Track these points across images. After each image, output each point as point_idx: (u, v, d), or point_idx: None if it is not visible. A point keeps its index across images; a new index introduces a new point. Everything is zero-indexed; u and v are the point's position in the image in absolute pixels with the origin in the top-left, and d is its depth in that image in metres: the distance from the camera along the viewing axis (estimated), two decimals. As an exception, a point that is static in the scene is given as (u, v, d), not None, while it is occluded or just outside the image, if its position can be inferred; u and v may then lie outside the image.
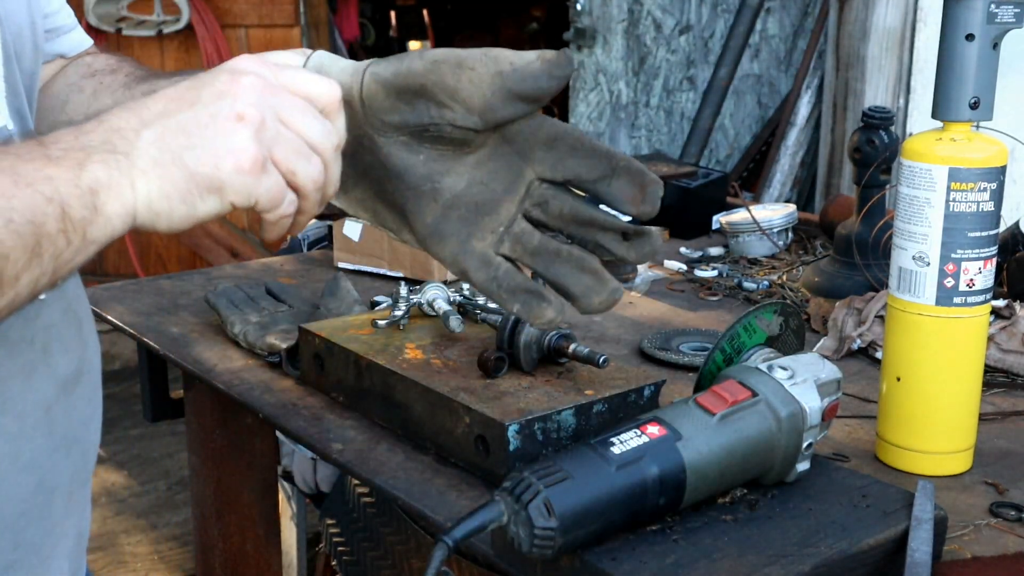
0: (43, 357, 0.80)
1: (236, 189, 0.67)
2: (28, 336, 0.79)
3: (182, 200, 0.67)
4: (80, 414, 0.86)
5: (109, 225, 0.65)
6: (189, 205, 0.67)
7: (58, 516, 0.84)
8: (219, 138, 0.67)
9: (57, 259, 0.64)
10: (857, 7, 3.34)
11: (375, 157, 0.77)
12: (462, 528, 0.81)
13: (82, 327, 0.87)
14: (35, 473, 0.80)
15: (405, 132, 0.76)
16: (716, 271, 1.85)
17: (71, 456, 0.84)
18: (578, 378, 1.14)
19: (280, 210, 0.69)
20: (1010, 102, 1.54)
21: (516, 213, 0.77)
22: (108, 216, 0.65)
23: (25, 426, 0.78)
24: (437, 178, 0.77)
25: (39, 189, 0.62)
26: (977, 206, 1.03)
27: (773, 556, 0.85)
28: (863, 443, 1.17)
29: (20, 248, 0.61)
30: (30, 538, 0.80)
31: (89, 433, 0.88)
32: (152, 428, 3.43)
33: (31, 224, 0.61)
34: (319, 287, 1.71)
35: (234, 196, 0.67)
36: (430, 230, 0.77)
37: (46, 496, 0.81)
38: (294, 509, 2.23)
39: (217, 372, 1.38)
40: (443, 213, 0.77)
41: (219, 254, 4.52)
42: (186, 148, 0.66)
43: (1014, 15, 1.03)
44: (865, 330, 1.43)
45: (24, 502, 0.79)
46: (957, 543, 0.96)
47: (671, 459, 0.87)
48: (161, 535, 3.11)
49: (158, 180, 0.66)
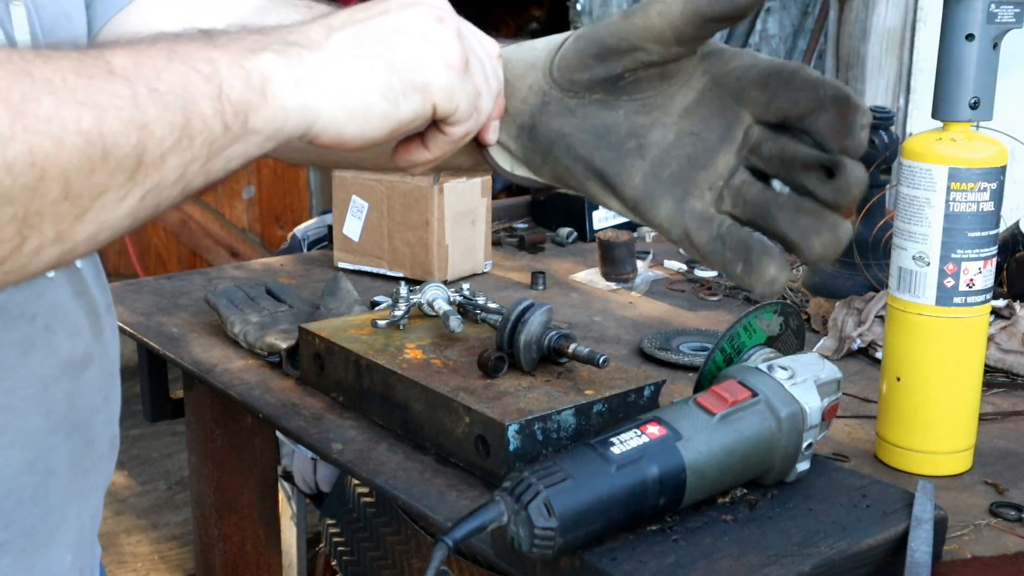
0: (44, 335, 0.78)
1: (442, 87, 0.64)
2: (29, 312, 0.78)
3: (383, 96, 0.62)
4: (87, 401, 0.84)
5: (282, 117, 0.59)
6: (391, 103, 0.62)
7: (55, 501, 0.82)
8: (422, 36, 0.64)
9: (211, 145, 0.57)
10: (857, 7, 3.34)
11: (569, 122, 0.72)
12: (462, 528, 0.81)
13: (99, 317, 0.86)
14: (27, 451, 0.78)
15: (599, 89, 0.71)
16: (716, 271, 1.85)
17: (71, 440, 0.82)
18: (578, 378, 1.14)
19: (468, 124, 0.67)
20: (1010, 102, 1.54)
21: (736, 164, 0.69)
22: (282, 106, 0.59)
23: (15, 400, 0.76)
24: (642, 133, 0.70)
25: (195, 67, 0.56)
26: (977, 206, 1.03)
27: (773, 556, 0.85)
28: (863, 443, 1.17)
29: (167, 124, 0.54)
30: (21, 519, 0.79)
31: (98, 423, 0.86)
32: (152, 428, 3.43)
33: (180, 99, 0.55)
34: (319, 287, 1.71)
35: (439, 95, 0.64)
36: (640, 192, 0.70)
37: (40, 478, 0.80)
38: (294, 509, 2.23)
39: (217, 372, 1.38)
40: (653, 172, 0.70)
41: (219, 254, 4.53)
42: (386, 47, 0.63)
43: (1014, 15, 1.03)
44: (865, 330, 1.43)
45: (14, 480, 0.77)
46: (957, 543, 0.96)
47: (671, 459, 0.87)
48: (161, 535, 3.11)
49: (354, 75, 0.61)
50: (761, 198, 0.68)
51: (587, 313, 1.64)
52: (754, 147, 0.69)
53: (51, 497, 0.82)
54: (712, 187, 0.69)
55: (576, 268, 1.89)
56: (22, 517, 0.79)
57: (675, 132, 0.70)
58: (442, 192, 1.73)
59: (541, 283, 1.78)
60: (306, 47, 0.61)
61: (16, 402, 0.77)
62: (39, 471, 0.80)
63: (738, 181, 0.69)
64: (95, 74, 0.53)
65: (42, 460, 0.80)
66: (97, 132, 0.52)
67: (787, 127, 0.69)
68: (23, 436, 0.78)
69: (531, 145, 0.74)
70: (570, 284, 1.81)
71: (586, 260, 1.94)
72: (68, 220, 0.53)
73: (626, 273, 1.78)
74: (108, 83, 0.53)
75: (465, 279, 1.78)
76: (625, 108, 0.71)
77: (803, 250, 0.67)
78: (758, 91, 0.69)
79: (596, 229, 2.03)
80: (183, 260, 4.58)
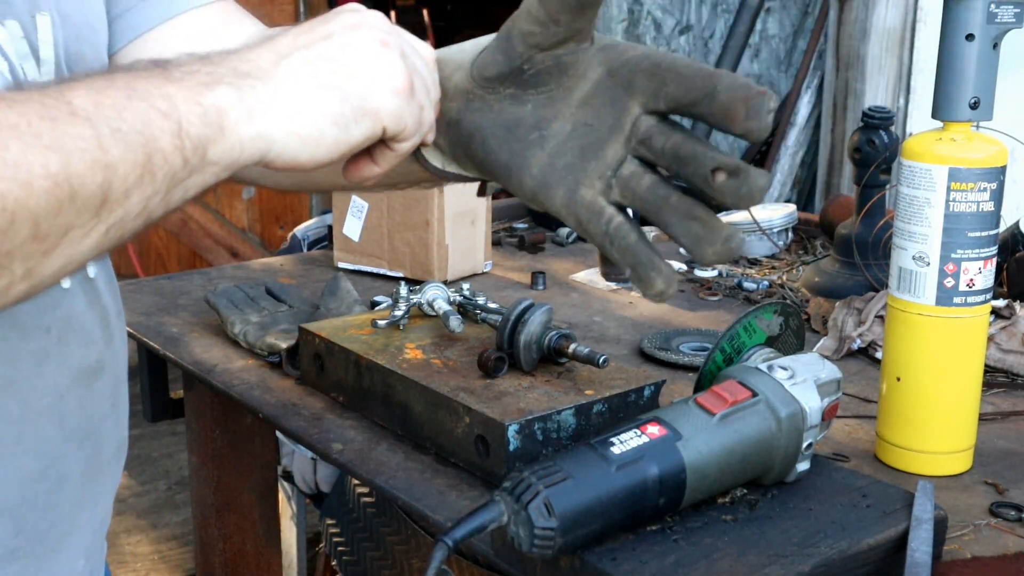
0: (58, 346, 0.79)
1: (391, 111, 0.67)
2: (44, 324, 0.78)
3: (334, 123, 0.65)
4: (98, 408, 0.85)
5: (238, 148, 0.62)
6: (342, 128, 0.65)
7: (68, 508, 0.83)
8: (369, 62, 0.67)
9: (172, 178, 0.59)
10: (857, 7, 3.34)
11: (486, 117, 0.74)
12: (462, 528, 0.81)
13: (109, 322, 0.86)
14: (40, 460, 0.79)
15: (510, 83, 0.73)
16: (716, 271, 1.85)
17: (84, 448, 0.83)
18: (578, 378, 1.14)
19: (415, 139, 0.70)
20: (1010, 102, 1.54)
21: (624, 153, 0.71)
22: (238, 138, 0.62)
23: (30, 411, 0.77)
24: (544, 125, 0.72)
25: (154, 104, 0.59)
26: (977, 206, 1.03)
27: (773, 556, 0.85)
28: (863, 443, 1.17)
29: (130, 162, 0.57)
30: (33, 526, 0.80)
31: (107, 428, 0.87)
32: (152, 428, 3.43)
33: (142, 136, 0.57)
34: (319, 287, 1.71)
35: (388, 119, 0.67)
36: (537, 182, 0.72)
37: (53, 485, 0.80)
38: (294, 509, 2.23)
39: (217, 372, 1.38)
40: (550, 162, 0.72)
41: (219, 254, 4.53)
42: (334, 73, 0.65)
43: (1014, 15, 1.03)
44: (865, 330, 1.43)
45: (27, 488, 0.78)
46: (957, 543, 0.96)
47: (671, 459, 0.87)
48: (161, 535, 3.12)
49: (306, 104, 0.64)
50: (652, 196, 0.69)
51: (587, 313, 1.64)
52: (645, 139, 0.70)
53: (62, 504, 0.82)
54: (601, 176, 0.70)
55: (576, 268, 1.89)
56: (33, 524, 0.80)
57: (572, 123, 0.72)
58: (442, 192, 1.73)
59: (541, 283, 1.78)
60: (258, 78, 0.63)
61: (31, 412, 0.77)
62: (52, 479, 0.80)
63: (626, 172, 0.70)
64: (58, 116, 0.55)
65: (55, 468, 0.81)
66: (64, 175, 0.54)
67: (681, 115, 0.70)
68: (37, 445, 0.79)
69: (455, 141, 0.76)
70: (570, 284, 1.81)
71: (586, 260, 1.94)
72: (36, 257, 0.55)
73: (626, 273, 1.78)
74: (72, 126, 0.55)
75: (465, 279, 1.78)
76: (532, 101, 0.73)
77: (695, 256, 0.69)
78: (647, 80, 0.69)
79: (596, 229, 2.03)
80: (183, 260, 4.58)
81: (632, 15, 3.71)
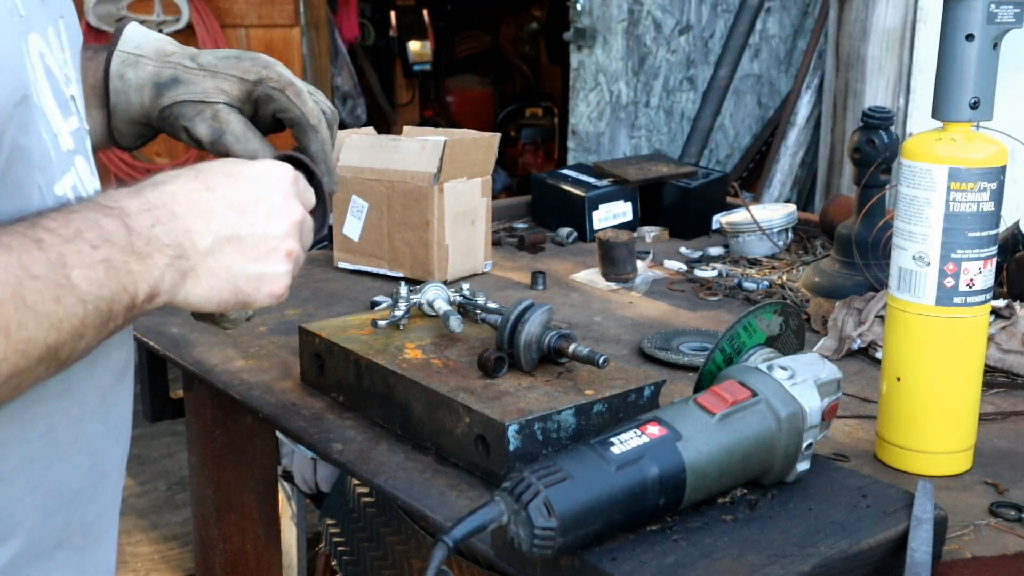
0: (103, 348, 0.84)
1: (262, 306, 0.84)
2: None
3: (218, 304, 0.80)
4: (128, 404, 0.92)
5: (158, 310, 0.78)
6: (219, 306, 0.81)
7: (107, 501, 0.88)
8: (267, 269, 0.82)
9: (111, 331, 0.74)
10: (857, 7, 3.34)
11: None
12: (462, 528, 0.81)
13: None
14: (91, 457, 0.85)
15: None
16: (716, 271, 1.85)
17: (120, 443, 0.90)
18: (578, 378, 1.14)
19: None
20: (1010, 102, 1.54)
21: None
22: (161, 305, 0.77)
23: (85, 411, 0.83)
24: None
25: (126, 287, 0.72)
26: (977, 206, 1.03)
27: (773, 556, 0.85)
28: (863, 443, 1.17)
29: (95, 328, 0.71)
30: (80, 518, 0.84)
31: (129, 422, 0.93)
32: (152, 428, 3.42)
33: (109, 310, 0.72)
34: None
35: (256, 309, 0.85)
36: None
37: (97, 479, 0.86)
38: (294, 509, 2.23)
39: (217, 372, 1.38)
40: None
41: (219, 254, 4.52)
42: (238, 272, 0.80)
43: (1014, 15, 1.03)
44: (865, 330, 1.43)
45: (79, 482, 0.84)
46: (957, 543, 0.96)
47: (671, 459, 0.87)
48: (161, 535, 3.12)
49: (207, 288, 0.79)
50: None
51: (587, 313, 1.64)
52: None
53: (103, 497, 0.88)
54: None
55: (576, 268, 1.89)
56: (81, 516, 0.85)
57: None
58: (442, 192, 1.73)
59: (541, 283, 1.78)
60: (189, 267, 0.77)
61: (84, 413, 0.83)
62: (97, 473, 0.86)
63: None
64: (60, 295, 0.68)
65: (100, 463, 0.86)
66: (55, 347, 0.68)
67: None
68: (88, 443, 0.84)
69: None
70: (570, 284, 1.81)
71: (586, 260, 1.94)
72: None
73: (626, 273, 1.78)
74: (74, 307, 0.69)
75: (465, 279, 1.78)
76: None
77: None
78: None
79: (596, 229, 2.03)
80: (183, 260, 4.58)
81: (632, 15, 3.71)
